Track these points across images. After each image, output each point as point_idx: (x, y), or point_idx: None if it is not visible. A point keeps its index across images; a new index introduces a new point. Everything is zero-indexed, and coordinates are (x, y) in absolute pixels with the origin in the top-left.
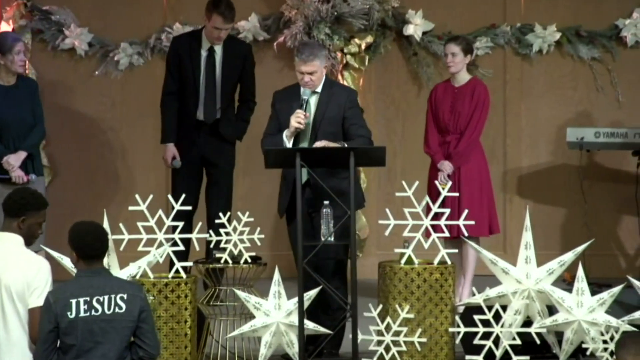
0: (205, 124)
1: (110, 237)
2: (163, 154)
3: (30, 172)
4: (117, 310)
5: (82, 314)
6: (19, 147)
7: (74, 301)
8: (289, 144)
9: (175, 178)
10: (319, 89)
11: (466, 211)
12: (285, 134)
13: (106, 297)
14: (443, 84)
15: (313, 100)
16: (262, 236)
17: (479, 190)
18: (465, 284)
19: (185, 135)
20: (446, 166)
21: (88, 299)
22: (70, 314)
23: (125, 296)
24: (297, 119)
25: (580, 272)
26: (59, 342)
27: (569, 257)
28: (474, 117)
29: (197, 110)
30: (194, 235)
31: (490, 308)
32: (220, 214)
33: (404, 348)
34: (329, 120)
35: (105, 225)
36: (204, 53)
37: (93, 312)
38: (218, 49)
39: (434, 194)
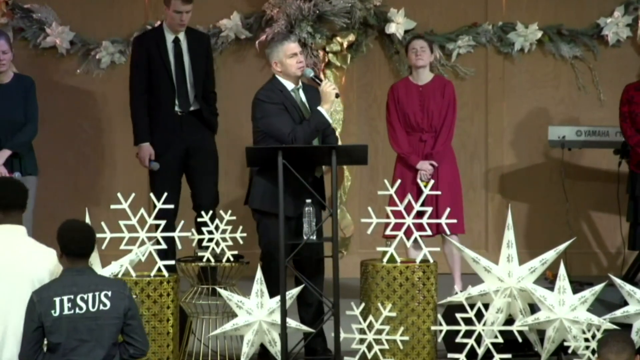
0: (185, 116)
1: None
2: (138, 154)
3: (16, 170)
4: (101, 307)
5: (66, 312)
6: (4, 146)
7: (57, 299)
8: (330, 118)
9: (156, 176)
10: (300, 84)
11: (448, 209)
12: (324, 108)
13: (90, 295)
14: (402, 83)
15: (302, 96)
16: (245, 234)
17: (458, 189)
18: (455, 281)
19: (165, 130)
20: (427, 166)
21: (72, 297)
22: (54, 312)
23: (109, 293)
24: (333, 86)
25: (562, 270)
26: (45, 341)
27: (550, 255)
28: (448, 116)
29: (174, 102)
30: (177, 234)
31: (472, 306)
32: (203, 212)
33: (386, 346)
34: None
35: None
36: (169, 44)
37: (77, 310)
38: (182, 38)
39: (411, 192)
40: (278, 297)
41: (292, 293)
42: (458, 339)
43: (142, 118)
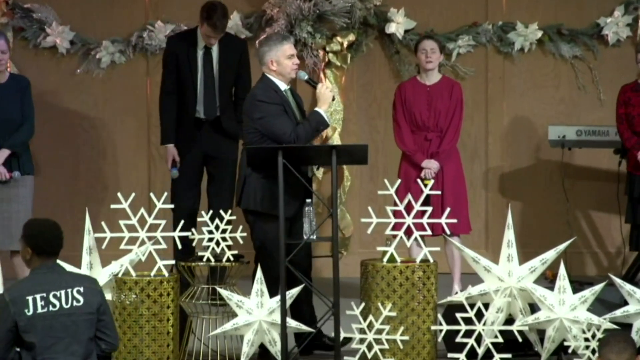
0: (205, 121)
1: (92, 235)
2: (165, 154)
3: (15, 170)
4: (75, 303)
5: (39, 310)
6: (3, 145)
7: (30, 298)
8: (329, 119)
9: (175, 179)
10: (289, 85)
11: (448, 209)
12: (322, 110)
13: (63, 292)
14: (410, 82)
15: (291, 95)
16: (245, 234)
17: (462, 189)
18: (455, 281)
19: (185, 134)
20: (433, 164)
21: (44, 294)
22: (28, 312)
23: (82, 289)
24: (330, 88)
25: (562, 270)
26: (23, 340)
27: (550, 255)
28: (455, 116)
29: (197, 108)
30: (176, 234)
31: (472, 306)
32: (203, 212)
33: (386, 346)
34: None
35: (87, 223)
36: (200, 51)
37: (51, 308)
38: (215, 47)
39: (414, 191)
40: (278, 297)
41: (292, 293)
42: (458, 339)
43: (167, 118)
